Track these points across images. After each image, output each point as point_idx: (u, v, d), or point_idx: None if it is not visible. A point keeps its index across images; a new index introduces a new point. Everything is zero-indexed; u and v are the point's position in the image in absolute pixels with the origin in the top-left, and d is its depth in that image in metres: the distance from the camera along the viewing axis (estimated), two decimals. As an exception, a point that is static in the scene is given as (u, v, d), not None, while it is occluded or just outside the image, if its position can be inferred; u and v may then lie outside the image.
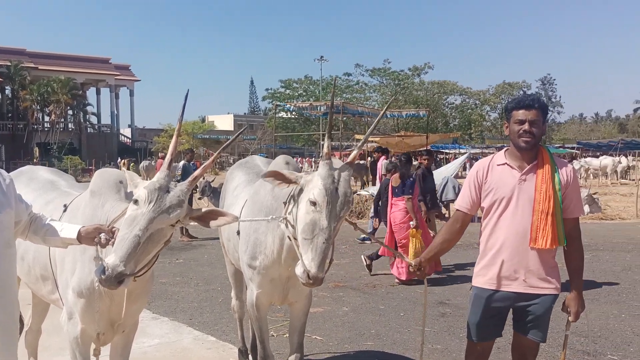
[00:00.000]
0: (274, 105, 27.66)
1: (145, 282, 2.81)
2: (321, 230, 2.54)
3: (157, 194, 2.38)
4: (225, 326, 5.62)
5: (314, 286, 2.59)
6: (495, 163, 2.97)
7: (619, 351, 4.93)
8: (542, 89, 69.14)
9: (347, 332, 5.48)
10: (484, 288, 2.96)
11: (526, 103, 2.86)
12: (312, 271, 2.52)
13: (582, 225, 7.11)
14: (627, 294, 6.93)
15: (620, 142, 35.73)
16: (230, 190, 4.02)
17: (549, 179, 2.81)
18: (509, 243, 2.87)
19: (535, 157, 2.89)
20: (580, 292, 2.94)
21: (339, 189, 2.61)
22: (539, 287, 2.87)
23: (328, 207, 2.55)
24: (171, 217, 2.39)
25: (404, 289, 7.14)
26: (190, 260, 9.34)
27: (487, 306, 2.95)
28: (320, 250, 2.53)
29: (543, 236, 2.79)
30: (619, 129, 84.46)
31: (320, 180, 2.61)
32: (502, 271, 2.89)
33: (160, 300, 6.72)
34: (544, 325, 2.95)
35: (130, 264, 2.29)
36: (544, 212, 2.79)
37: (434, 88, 59.44)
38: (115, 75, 54.39)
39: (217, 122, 74.09)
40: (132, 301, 2.82)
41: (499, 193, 2.89)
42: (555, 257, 2.96)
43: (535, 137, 2.84)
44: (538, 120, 2.85)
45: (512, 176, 2.88)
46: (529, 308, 2.90)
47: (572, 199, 2.89)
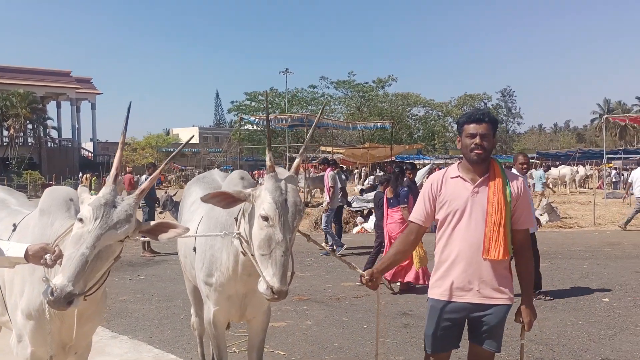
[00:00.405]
0: (239, 118, 27.53)
1: (97, 302, 2.76)
2: (277, 244, 2.53)
3: (103, 210, 2.34)
4: (187, 343, 5.53)
5: (279, 300, 2.57)
6: (449, 176, 3.02)
7: (575, 358, 5.03)
8: (502, 100, 70.76)
9: (310, 346, 5.45)
10: (439, 299, 2.99)
11: (476, 117, 2.92)
12: (276, 286, 2.51)
13: (541, 233, 7.24)
14: (585, 301, 7.09)
15: (578, 151, 36.79)
16: (187, 206, 3.98)
17: (501, 191, 2.87)
18: (463, 254, 2.92)
19: (487, 169, 2.95)
20: (532, 302, 3.00)
21: (289, 200, 2.61)
22: (492, 297, 2.92)
23: (281, 219, 2.55)
24: (119, 232, 2.35)
25: (367, 300, 7.15)
26: (152, 277, 9.18)
27: (443, 317, 2.98)
28: (280, 264, 2.52)
29: (496, 247, 2.84)
30: (577, 139, 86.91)
31: (269, 193, 2.61)
32: (456, 282, 2.93)
33: (119, 318, 6.57)
34: (498, 335, 2.99)
35: (79, 283, 2.24)
36: (496, 223, 2.84)
37: (397, 100, 60.25)
38: (76, 89, 53.46)
39: (182, 135, 73.35)
40: (84, 322, 2.76)
41: (453, 205, 2.94)
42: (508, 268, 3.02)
43: (486, 151, 2.90)
44: (488, 134, 2.91)
45: (465, 189, 2.94)
46: (484, 318, 2.94)
47: (523, 210, 2.96)
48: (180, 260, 4.07)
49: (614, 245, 11.71)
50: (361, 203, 16.10)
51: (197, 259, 3.26)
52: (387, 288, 7.75)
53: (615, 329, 5.85)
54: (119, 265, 10.17)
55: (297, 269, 9.58)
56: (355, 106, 59.39)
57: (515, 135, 77.00)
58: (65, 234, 2.57)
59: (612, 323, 6.08)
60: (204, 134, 75.36)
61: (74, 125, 54.92)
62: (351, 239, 13.55)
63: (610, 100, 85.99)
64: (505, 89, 71.63)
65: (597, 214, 16.05)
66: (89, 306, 2.66)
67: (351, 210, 15.78)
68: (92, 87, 57.37)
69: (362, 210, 15.96)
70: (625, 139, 77.41)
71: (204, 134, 75.65)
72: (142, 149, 53.06)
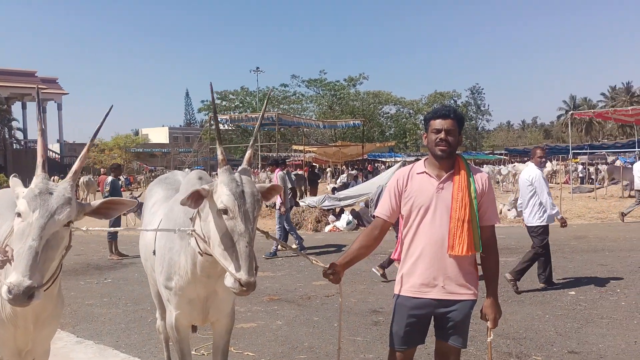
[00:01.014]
0: (209, 117, 27.28)
1: (53, 304, 2.67)
2: (241, 236, 2.48)
3: (39, 199, 2.29)
4: (154, 347, 5.43)
5: (249, 292, 2.51)
6: (415, 172, 3.03)
7: (543, 351, 5.09)
8: (471, 98, 71.74)
9: (280, 347, 5.41)
10: (405, 296, 2.99)
11: (442, 113, 2.94)
12: (244, 278, 2.44)
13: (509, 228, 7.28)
14: (551, 294, 7.20)
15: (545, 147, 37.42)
16: (148, 208, 3.89)
17: (465, 187, 2.88)
18: (428, 250, 2.92)
19: (453, 166, 2.96)
20: (496, 298, 3.01)
21: (246, 191, 2.57)
22: (457, 293, 2.92)
23: (240, 210, 2.51)
24: (62, 217, 2.31)
25: (338, 299, 7.09)
26: (119, 280, 9.01)
27: (409, 314, 2.98)
28: (245, 255, 2.47)
29: (459, 243, 2.84)
30: (544, 135, 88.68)
31: (225, 186, 2.57)
32: (421, 278, 2.94)
33: (85, 323, 6.43)
34: (463, 331, 2.99)
35: (36, 275, 2.18)
36: (460, 219, 2.85)
37: (369, 98, 60.57)
38: (42, 89, 52.27)
39: (152, 136, 72.46)
40: (41, 326, 2.67)
41: (418, 201, 2.94)
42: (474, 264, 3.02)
43: (451, 146, 2.91)
44: (454, 129, 2.92)
45: (430, 184, 2.94)
46: (449, 315, 2.94)
47: (488, 206, 2.98)
48: (143, 263, 3.99)
49: (580, 239, 11.93)
50: (333, 202, 16.10)
51: (156, 263, 3.19)
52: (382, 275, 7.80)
53: (581, 322, 5.95)
54: (85, 269, 10.00)
55: (268, 268, 9.55)
56: (327, 104, 59.50)
57: (485, 132, 78.15)
58: (10, 233, 2.49)
59: (579, 316, 6.18)
60: (174, 134, 74.56)
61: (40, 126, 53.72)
62: (323, 238, 13.53)
63: (576, 97, 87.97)
64: (474, 87, 72.74)
65: (563, 209, 16.31)
66: (45, 308, 2.59)
67: (323, 208, 15.76)
68: (58, 87, 56.23)
69: (334, 209, 15.96)
70: (591, 134, 79.23)
71: (174, 133, 74.84)
72: (110, 150, 52.18)
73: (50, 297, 2.59)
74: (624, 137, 58.33)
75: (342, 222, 14.88)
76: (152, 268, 3.44)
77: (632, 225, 13.97)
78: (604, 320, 5.98)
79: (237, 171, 2.70)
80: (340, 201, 16.05)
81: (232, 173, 2.64)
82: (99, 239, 10.53)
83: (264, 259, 10.54)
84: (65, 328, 6.10)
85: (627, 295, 7.02)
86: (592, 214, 16.68)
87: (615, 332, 5.59)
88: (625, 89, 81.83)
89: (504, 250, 10.26)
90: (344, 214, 15.51)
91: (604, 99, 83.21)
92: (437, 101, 63.89)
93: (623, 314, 6.21)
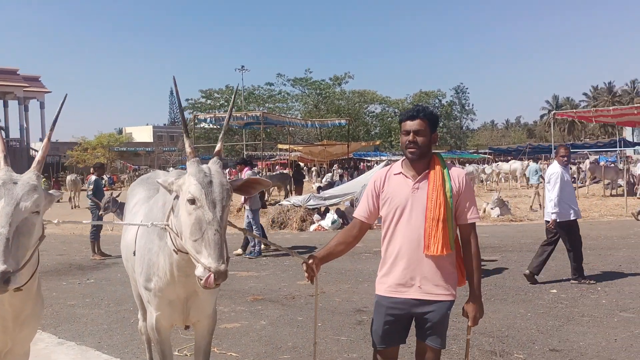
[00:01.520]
0: (193, 116, 27.12)
1: (33, 303, 2.64)
2: (209, 224, 2.47)
3: (4, 189, 2.34)
4: (136, 348, 5.39)
5: (220, 282, 2.46)
6: (392, 172, 3.04)
7: (524, 350, 5.13)
8: (456, 97, 71.87)
9: (264, 347, 5.39)
10: (384, 296, 3.01)
11: (410, 114, 2.94)
12: (213, 266, 2.40)
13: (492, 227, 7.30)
14: (533, 292, 7.27)
15: (528, 146, 37.82)
16: (129, 208, 3.86)
17: (440, 186, 2.88)
18: (405, 251, 2.93)
19: (428, 165, 2.96)
20: (479, 297, 3.01)
21: (214, 181, 2.58)
22: (434, 293, 2.93)
23: (208, 199, 2.51)
24: (29, 203, 2.34)
25: (322, 299, 7.13)
26: (102, 280, 8.93)
27: (388, 314, 2.99)
28: (214, 243, 2.44)
29: (434, 243, 2.85)
30: (528, 134, 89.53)
31: (192, 177, 2.59)
32: (399, 278, 2.95)
33: (67, 324, 6.36)
34: (441, 332, 2.99)
35: (9, 261, 2.19)
36: (435, 219, 2.85)
37: (354, 97, 60.71)
38: (24, 87, 51.60)
39: (136, 134, 71.91)
40: (20, 326, 2.64)
41: (395, 202, 2.95)
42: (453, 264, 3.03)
43: (421, 147, 2.91)
44: (423, 129, 2.91)
45: (406, 185, 2.95)
46: (426, 315, 2.95)
47: (466, 205, 2.97)
48: (124, 264, 3.96)
49: (562, 237, 12.03)
50: (318, 201, 16.10)
51: (136, 264, 3.17)
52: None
53: (562, 320, 6.01)
54: (68, 269, 9.90)
55: (253, 268, 9.53)
56: (313, 103, 59.55)
57: (469, 131, 78.53)
58: None
59: (560, 314, 6.25)
60: (159, 133, 74.05)
61: (22, 125, 52.96)
62: (308, 237, 13.54)
63: (558, 97, 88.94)
64: (458, 86, 72.81)
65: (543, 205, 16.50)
66: (24, 307, 2.56)
67: (308, 208, 15.76)
68: (40, 85, 55.44)
69: (319, 208, 15.97)
70: (573, 133, 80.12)
71: (159, 132, 74.33)
72: (93, 149, 51.70)
73: (29, 294, 2.57)
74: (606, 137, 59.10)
75: (327, 221, 14.90)
76: (132, 269, 3.42)
77: (613, 224, 14.16)
78: (585, 318, 6.05)
79: (207, 164, 2.71)
80: (326, 200, 16.05)
81: (200, 165, 2.65)
82: (81, 239, 10.45)
83: (247, 259, 10.52)
84: (46, 329, 6.04)
85: (607, 293, 7.11)
86: (574, 213, 16.85)
87: (595, 330, 5.66)
88: (607, 89, 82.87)
89: (487, 249, 10.35)
90: (329, 213, 15.53)
91: (586, 99, 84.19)
92: (422, 100, 64.17)
93: (603, 312, 6.29)
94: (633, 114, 19.06)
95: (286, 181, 24.22)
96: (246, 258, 10.55)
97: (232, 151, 56.63)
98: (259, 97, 59.96)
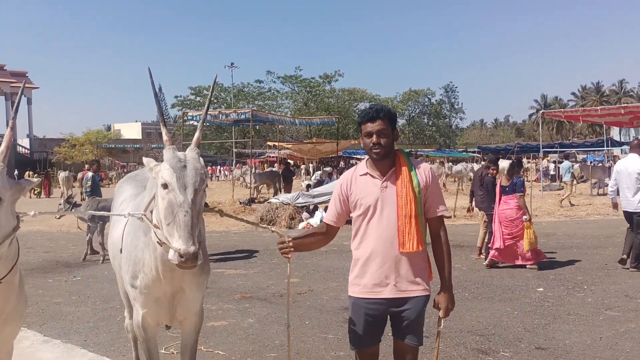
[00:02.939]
0: (182, 113, 26.97)
1: (15, 299, 2.61)
2: (179, 207, 2.47)
3: None
4: (123, 346, 5.35)
5: (190, 264, 2.44)
6: (358, 174, 3.02)
7: (510, 348, 5.15)
8: (445, 96, 72.00)
9: (251, 345, 5.38)
10: (359, 297, 2.98)
11: (370, 116, 2.91)
12: (182, 248, 2.40)
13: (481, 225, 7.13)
14: (520, 291, 7.31)
15: (517, 146, 38.00)
16: (117, 205, 3.83)
17: (408, 182, 2.88)
18: (378, 251, 2.91)
19: (394, 163, 2.96)
20: (450, 289, 3.01)
21: (188, 166, 2.61)
22: (409, 290, 2.92)
23: (179, 182, 2.53)
24: None
25: (310, 297, 7.13)
26: (89, 278, 8.86)
27: (364, 314, 2.97)
28: (183, 225, 2.44)
29: (409, 240, 2.85)
30: (516, 133, 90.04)
31: (167, 163, 2.62)
32: (373, 279, 2.93)
33: (52, 321, 6.31)
34: (418, 329, 2.99)
35: None
36: (407, 215, 2.85)
37: (344, 95, 60.71)
38: (10, 83, 51.04)
39: (124, 131, 71.43)
40: (2, 324, 2.60)
41: (364, 203, 2.94)
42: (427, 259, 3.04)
43: (384, 147, 2.90)
44: (385, 129, 2.90)
45: (374, 185, 2.94)
46: (403, 314, 2.94)
47: (434, 198, 2.97)
48: (111, 261, 3.93)
49: (549, 236, 12.14)
50: (307, 199, 16.08)
51: (122, 261, 3.15)
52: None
53: (549, 318, 6.05)
54: (54, 266, 9.82)
55: (241, 266, 9.49)
56: (302, 101, 59.48)
57: (458, 130, 78.79)
58: None
59: (546, 312, 6.29)
60: (147, 130, 73.64)
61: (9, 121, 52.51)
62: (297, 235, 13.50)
63: (547, 96, 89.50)
64: (448, 85, 72.93)
65: (534, 206, 16.60)
66: (6, 303, 2.53)
67: (297, 205, 15.74)
68: (27, 81, 54.89)
69: (308, 206, 15.96)
70: (561, 133, 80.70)
71: (147, 129, 73.91)
72: (81, 145, 51.30)
73: (11, 289, 2.55)
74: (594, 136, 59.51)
75: (316, 219, 14.87)
76: (119, 266, 3.39)
77: (600, 223, 14.29)
78: (571, 317, 6.09)
79: (184, 152, 2.74)
80: (314, 198, 16.04)
81: (175, 152, 2.68)
82: (68, 236, 10.35)
83: (238, 258, 10.48)
84: (32, 327, 5.99)
85: (593, 292, 7.16)
86: (562, 212, 17.01)
87: (581, 328, 5.70)
88: (595, 88, 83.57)
89: (475, 248, 10.40)
90: (318, 211, 15.52)
91: (575, 99, 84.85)
92: (411, 99, 64.34)
93: (589, 310, 6.34)
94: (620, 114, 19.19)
95: (275, 179, 24.18)
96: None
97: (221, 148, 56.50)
98: (249, 94, 59.76)
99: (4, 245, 2.38)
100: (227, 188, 26.41)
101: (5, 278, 2.44)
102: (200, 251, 2.47)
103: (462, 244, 11.17)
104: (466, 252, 10.24)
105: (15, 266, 2.52)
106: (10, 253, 2.48)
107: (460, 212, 16.59)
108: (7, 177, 2.51)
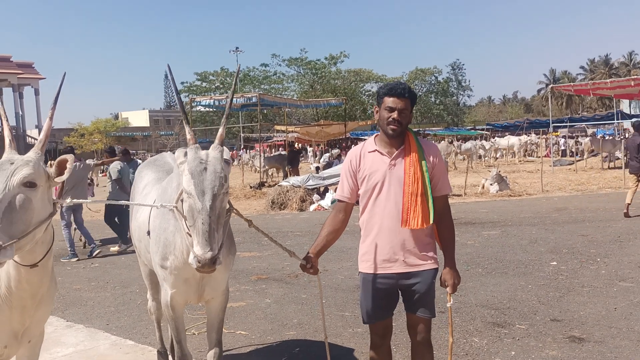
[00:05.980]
0: (190, 100, 27.01)
1: (48, 281, 2.69)
2: (198, 213, 2.53)
3: (1, 170, 2.41)
4: (145, 329, 5.48)
5: (207, 269, 2.51)
6: (367, 150, 3.06)
7: (526, 320, 5.22)
8: (452, 73, 71.30)
9: (270, 324, 5.49)
10: (370, 273, 3.05)
11: (398, 92, 2.94)
12: (199, 254, 2.47)
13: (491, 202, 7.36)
14: (534, 265, 7.35)
15: (526, 121, 37.80)
16: (139, 190, 3.91)
17: (416, 161, 2.94)
18: (385, 227, 2.97)
19: (403, 142, 3.00)
20: (454, 265, 3.07)
21: (208, 168, 2.61)
22: (418, 264, 2.99)
23: (197, 188, 2.56)
24: (17, 177, 2.37)
25: (325, 276, 7.22)
26: (107, 264, 9.01)
27: (374, 289, 3.04)
28: (201, 232, 2.50)
29: (414, 217, 2.90)
30: (525, 109, 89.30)
31: (187, 166, 2.64)
32: (382, 255, 2.99)
33: (74, 307, 6.44)
34: (430, 301, 3.06)
35: (1, 235, 2.21)
36: (414, 193, 2.91)
37: (350, 76, 60.33)
38: (17, 74, 51.09)
39: (132, 119, 71.62)
40: (37, 305, 2.69)
41: (372, 179, 2.99)
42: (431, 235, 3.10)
43: (402, 126, 2.95)
44: (407, 109, 2.95)
45: (382, 162, 2.98)
46: (414, 287, 3.01)
47: (440, 178, 3.04)
48: (134, 244, 4.01)
49: (561, 210, 12.15)
50: (317, 181, 16.15)
51: (151, 243, 3.22)
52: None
53: (562, 291, 6.10)
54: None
55: (255, 249, 9.59)
56: (308, 84, 59.22)
57: (466, 108, 78.24)
58: None
59: (560, 285, 6.34)
60: (155, 117, 73.76)
61: (17, 112, 52.63)
62: (308, 217, 13.61)
63: (555, 70, 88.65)
64: (454, 62, 72.17)
65: (544, 182, 16.60)
66: (41, 284, 2.61)
67: (307, 188, 15.81)
68: (34, 72, 54.97)
69: (318, 188, 16.02)
70: (571, 107, 79.92)
71: (155, 116, 74.04)
72: (90, 134, 51.53)
73: (46, 271, 2.61)
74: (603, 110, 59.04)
75: (327, 201, 14.95)
76: (145, 249, 3.46)
77: (611, 196, 14.24)
78: (585, 289, 6.14)
79: (206, 150, 2.73)
80: (325, 180, 16.09)
81: (198, 152, 2.68)
82: (85, 224, 10.44)
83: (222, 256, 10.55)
84: (54, 313, 6.11)
85: (606, 264, 7.20)
86: (573, 186, 16.97)
87: (595, 299, 5.75)
88: (603, 61, 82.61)
89: (487, 224, 10.46)
90: (329, 192, 15.58)
91: (583, 72, 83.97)
92: (418, 78, 63.83)
93: (603, 282, 6.38)
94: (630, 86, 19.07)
95: (284, 162, 24.24)
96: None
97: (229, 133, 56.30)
98: (255, 78, 59.57)
99: (40, 229, 2.44)
100: (237, 172, 26.48)
101: (41, 261, 2.52)
102: (220, 255, 2.53)
103: (473, 221, 11.21)
104: (478, 229, 10.28)
105: (50, 250, 2.59)
106: (46, 238, 2.55)
107: (470, 189, 16.63)
108: (44, 165, 2.55)
